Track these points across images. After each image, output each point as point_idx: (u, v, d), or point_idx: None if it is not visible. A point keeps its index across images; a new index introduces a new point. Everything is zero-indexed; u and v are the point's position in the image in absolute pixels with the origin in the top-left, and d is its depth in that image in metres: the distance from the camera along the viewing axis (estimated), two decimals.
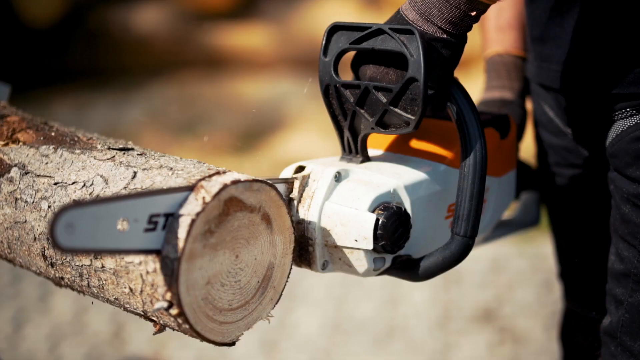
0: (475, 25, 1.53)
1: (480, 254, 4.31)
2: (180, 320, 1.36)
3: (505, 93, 2.01)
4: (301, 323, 3.91)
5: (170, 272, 1.32)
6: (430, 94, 1.50)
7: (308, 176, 1.56)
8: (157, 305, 1.34)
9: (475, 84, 2.16)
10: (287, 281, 1.51)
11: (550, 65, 1.82)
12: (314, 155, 1.68)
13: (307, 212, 1.54)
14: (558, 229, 2.09)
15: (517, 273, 4.27)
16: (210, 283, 1.37)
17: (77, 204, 1.23)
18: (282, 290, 1.50)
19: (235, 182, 1.37)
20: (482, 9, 1.48)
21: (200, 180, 1.37)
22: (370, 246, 1.51)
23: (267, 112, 6.40)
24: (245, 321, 1.45)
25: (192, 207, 1.33)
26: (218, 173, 1.39)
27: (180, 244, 1.31)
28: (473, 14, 1.47)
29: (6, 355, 3.68)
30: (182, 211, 1.33)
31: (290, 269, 1.51)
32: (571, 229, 2.05)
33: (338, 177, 1.56)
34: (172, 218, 1.33)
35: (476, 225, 1.56)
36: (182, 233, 1.31)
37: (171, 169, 1.43)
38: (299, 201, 1.54)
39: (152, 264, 1.34)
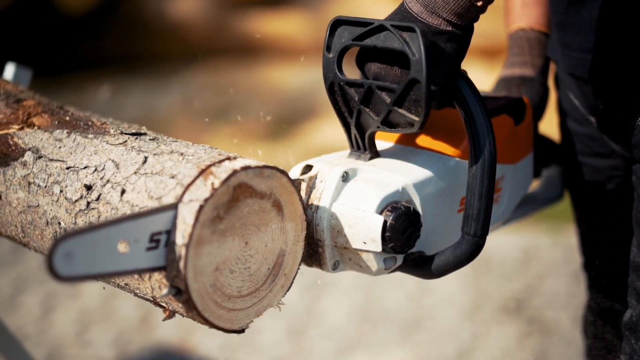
0: (499, 12, 1.49)
1: (512, 244, 4.29)
2: (188, 307, 1.35)
3: (526, 70, 1.97)
4: (329, 311, 3.89)
5: (178, 258, 1.31)
6: (436, 89, 1.47)
7: (315, 177, 1.54)
8: (165, 291, 1.33)
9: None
10: (299, 268, 1.49)
11: (570, 52, 1.79)
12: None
13: (315, 213, 1.51)
14: (582, 219, 2.06)
15: (549, 264, 4.23)
16: (219, 269, 1.35)
17: (74, 232, 1.21)
18: (294, 278, 1.48)
19: (245, 168, 1.35)
20: None
21: (209, 165, 1.36)
22: (379, 248, 1.48)
23: (301, 99, 6.39)
24: (255, 308, 1.44)
25: (200, 192, 1.32)
26: (228, 159, 1.38)
27: (188, 230, 1.30)
28: (479, 4, 1.43)
29: (34, 339, 3.70)
30: (190, 197, 1.32)
31: (303, 256, 1.50)
32: (595, 220, 2.02)
33: (345, 177, 1.52)
34: (180, 204, 1.32)
35: (486, 224, 1.53)
36: (190, 219, 1.30)
37: (182, 154, 1.42)
38: (307, 203, 1.52)
39: None
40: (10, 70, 2.03)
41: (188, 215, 1.31)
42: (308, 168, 1.56)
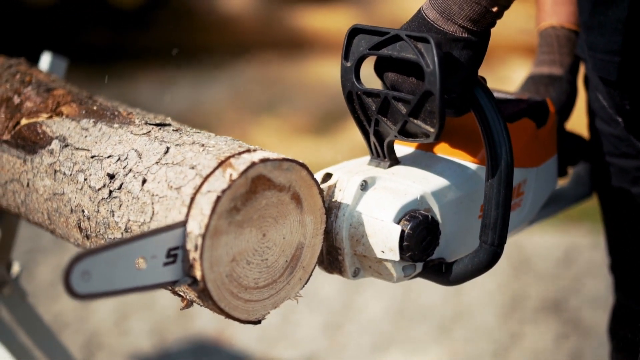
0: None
1: (553, 244, 4.26)
2: (203, 297, 1.36)
3: (555, 68, 1.96)
4: (366, 307, 3.90)
5: (194, 248, 1.32)
6: (451, 98, 1.48)
7: (334, 185, 1.54)
8: (181, 280, 1.35)
9: None
10: (317, 262, 1.50)
11: (595, 53, 1.77)
12: None
13: (334, 222, 1.52)
14: (609, 219, 2.05)
15: (589, 265, 4.20)
16: (235, 260, 1.37)
17: (90, 251, 1.23)
18: (312, 271, 1.49)
19: (264, 161, 1.36)
20: (505, 4, 1.42)
21: (229, 157, 1.37)
22: (397, 257, 1.49)
23: None
24: (272, 300, 1.45)
25: (218, 184, 1.33)
26: (248, 151, 1.39)
27: (205, 220, 1.31)
28: (494, 9, 1.42)
29: (73, 327, 3.74)
30: (208, 188, 1.33)
31: (324, 264, 1.51)
32: (621, 221, 2.00)
33: (364, 186, 1.53)
34: (198, 194, 1.34)
35: (504, 233, 1.53)
36: (207, 209, 1.31)
37: (203, 145, 1.43)
38: (327, 211, 1.52)
39: None
40: (46, 60, 2.05)
41: (205, 205, 1.32)
42: (328, 176, 1.57)
